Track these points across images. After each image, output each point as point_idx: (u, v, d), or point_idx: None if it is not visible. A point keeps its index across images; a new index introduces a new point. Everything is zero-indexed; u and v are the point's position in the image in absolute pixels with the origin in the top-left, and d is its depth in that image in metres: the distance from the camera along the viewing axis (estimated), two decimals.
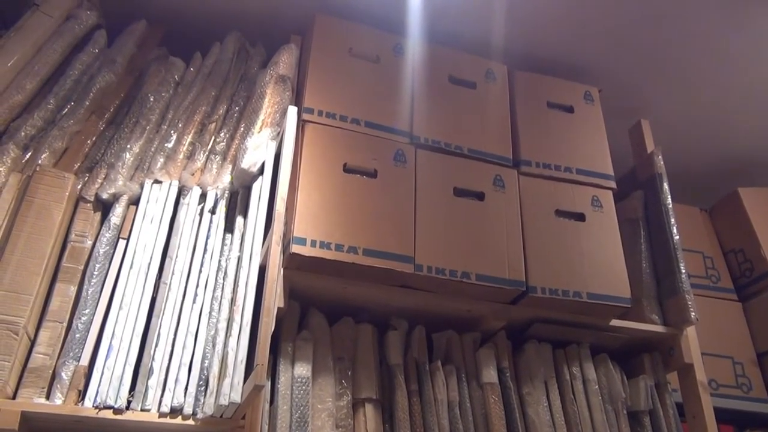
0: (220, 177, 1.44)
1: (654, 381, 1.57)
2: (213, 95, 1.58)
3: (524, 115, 1.72)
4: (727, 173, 2.43)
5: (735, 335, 1.97)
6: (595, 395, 1.49)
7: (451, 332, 1.50)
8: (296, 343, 1.33)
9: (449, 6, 1.74)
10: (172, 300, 1.25)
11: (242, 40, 1.73)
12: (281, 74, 1.53)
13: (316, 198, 1.39)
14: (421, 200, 1.48)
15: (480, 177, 1.57)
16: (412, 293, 1.44)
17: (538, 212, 1.59)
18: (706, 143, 2.33)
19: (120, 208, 1.35)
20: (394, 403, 1.34)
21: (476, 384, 1.44)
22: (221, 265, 1.33)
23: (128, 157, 1.40)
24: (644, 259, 1.71)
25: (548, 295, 1.48)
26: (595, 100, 1.83)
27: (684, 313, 1.59)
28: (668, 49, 1.92)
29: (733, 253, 2.14)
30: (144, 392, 1.15)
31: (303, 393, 1.27)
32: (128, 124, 1.47)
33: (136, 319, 1.22)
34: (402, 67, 1.65)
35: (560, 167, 1.67)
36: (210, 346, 1.22)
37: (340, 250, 1.34)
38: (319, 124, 1.48)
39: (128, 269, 1.27)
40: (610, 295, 1.53)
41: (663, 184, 1.76)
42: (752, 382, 1.90)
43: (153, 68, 1.59)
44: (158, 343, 1.20)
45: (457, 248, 1.45)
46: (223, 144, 1.50)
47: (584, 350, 1.55)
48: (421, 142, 1.56)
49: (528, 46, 1.89)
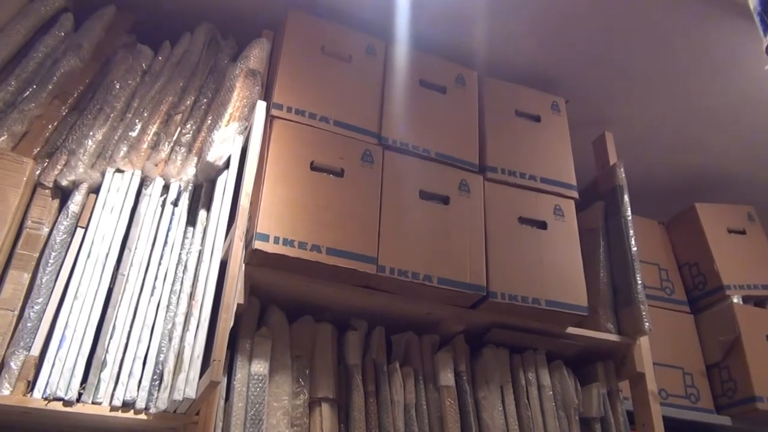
0: (185, 169, 1.42)
1: (606, 389, 1.60)
2: (181, 86, 1.56)
3: (492, 121, 1.74)
4: (685, 188, 2.49)
5: (686, 346, 2.03)
6: (548, 401, 1.51)
7: (411, 334, 1.51)
8: (255, 340, 1.32)
9: (423, 10, 1.75)
10: (130, 292, 1.23)
11: (213, 31, 1.71)
12: (251, 68, 1.52)
13: (281, 195, 1.38)
14: (387, 202, 1.48)
15: (446, 181, 1.58)
16: (373, 294, 1.44)
17: (502, 218, 1.61)
18: (666, 158, 2.39)
19: (79, 196, 1.32)
20: (350, 403, 1.35)
21: (433, 386, 1.45)
22: (181, 258, 1.31)
23: (90, 145, 1.37)
24: (602, 268, 1.74)
25: (507, 300, 1.50)
26: (561, 110, 1.86)
27: (638, 323, 1.62)
28: (635, 65, 1.96)
29: (687, 267, 2.20)
30: (96, 385, 1.13)
31: (259, 390, 1.26)
32: (92, 111, 1.44)
33: (91, 310, 1.20)
34: (373, 68, 1.65)
35: (525, 175, 1.69)
36: (166, 340, 1.20)
37: (304, 248, 1.33)
38: (288, 121, 1.48)
39: (85, 259, 1.25)
40: (568, 303, 1.55)
41: (624, 196, 1.80)
42: (700, 392, 1.95)
43: (120, 55, 1.56)
44: (113, 336, 1.18)
45: (420, 251, 1.46)
46: (189, 136, 1.48)
47: (540, 356, 1.58)
48: (389, 144, 1.56)
49: (499, 53, 1.91)
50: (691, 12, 1.77)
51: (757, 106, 2.07)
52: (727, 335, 1.97)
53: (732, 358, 1.96)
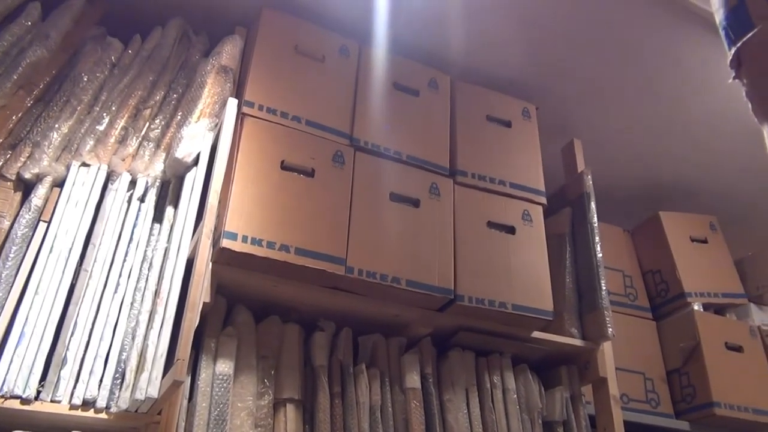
0: (153, 165, 1.40)
1: (570, 393, 1.62)
2: (151, 80, 1.53)
3: (463, 126, 1.75)
4: (650, 197, 2.54)
5: (648, 352, 2.06)
6: (513, 404, 1.53)
7: (378, 336, 1.51)
8: (220, 339, 1.31)
9: (397, 13, 1.75)
10: (93, 288, 1.21)
11: (185, 27, 1.68)
12: (223, 65, 1.50)
13: (250, 193, 1.37)
14: (357, 203, 1.48)
15: (416, 184, 1.59)
16: (341, 295, 1.44)
17: (471, 222, 1.62)
18: (633, 167, 2.43)
19: (43, 190, 1.29)
20: (315, 405, 1.34)
21: (399, 389, 1.45)
22: (147, 255, 1.29)
23: (56, 137, 1.35)
24: (568, 274, 1.76)
25: (475, 304, 1.50)
26: (532, 116, 1.88)
27: (602, 329, 1.65)
28: (604, 75, 2.00)
29: (651, 274, 2.24)
30: (56, 383, 1.11)
31: (223, 390, 1.25)
32: (58, 103, 1.41)
33: (52, 306, 1.17)
34: (347, 69, 1.65)
35: (495, 180, 1.71)
36: (129, 338, 1.18)
37: (272, 247, 1.33)
38: (259, 119, 1.47)
39: (47, 254, 1.22)
40: (534, 308, 1.57)
41: (590, 203, 1.83)
42: (660, 397, 1.99)
43: (89, 47, 1.53)
44: (74, 333, 1.15)
45: (389, 253, 1.46)
46: (158, 131, 1.46)
47: (506, 360, 1.59)
48: (360, 145, 1.56)
49: (472, 59, 1.93)
50: (660, 25, 1.81)
51: (722, 118, 2.12)
52: (688, 342, 2.01)
53: (692, 365, 2.00)
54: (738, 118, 2.08)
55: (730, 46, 0.65)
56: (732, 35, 0.64)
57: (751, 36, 0.62)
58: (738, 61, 0.64)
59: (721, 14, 0.66)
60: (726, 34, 0.65)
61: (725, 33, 0.65)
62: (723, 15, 0.66)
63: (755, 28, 0.62)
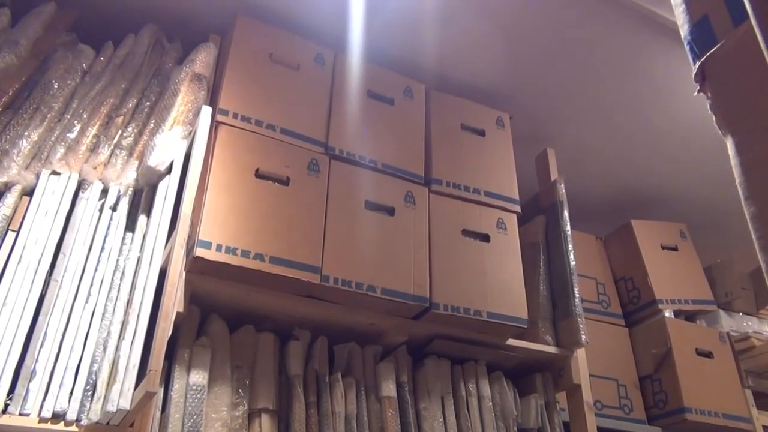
0: (125, 173, 1.39)
1: (544, 400, 1.63)
2: (123, 87, 1.52)
3: (438, 134, 1.76)
4: (622, 205, 2.58)
5: (620, 359, 2.09)
6: (488, 412, 1.53)
7: (353, 345, 1.50)
8: (193, 349, 1.29)
9: (373, 21, 1.76)
10: (63, 299, 1.19)
11: (159, 34, 1.67)
12: (197, 72, 1.49)
13: (224, 202, 1.36)
14: (332, 211, 1.48)
15: (391, 192, 1.59)
16: (316, 304, 1.43)
17: (446, 230, 1.62)
18: (605, 175, 2.47)
19: (11, 198, 1.27)
20: (291, 415, 1.33)
21: (374, 397, 1.45)
22: (119, 264, 1.27)
23: (25, 145, 1.32)
24: (542, 281, 1.78)
25: (450, 312, 1.51)
26: (505, 125, 1.90)
27: (575, 336, 1.66)
28: (577, 84, 2.03)
29: (623, 281, 2.27)
30: (24, 395, 1.08)
31: (197, 401, 1.23)
32: (28, 110, 1.39)
33: (21, 316, 1.14)
34: (322, 78, 1.65)
35: (469, 188, 1.72)
36: (101, 349, 1.16)
37: (246, 256, 1.32)
38: (234, 127, 1.46)
39: (16, 263, 1.19)
40: (509, 315, 1.58)
41: (564, 211, 1.85)
42: (633, 403, 2.01)
43: (59, 54, 1.51)
44: (44, 344, 1.13)
45: (364, 261, 1.46)
46: (131, 139, 1.44)
47: (481, 367, 1.60)
48: (335, 153, 1.56)
49: (447, 68, 1.94)
50: (632, 37, 1.84)
51: (691, 128, 2.16)
52: (659, 348, 2.04)
53: (663, 371, 2.03)
54: (707, 128, 2.11)
55: (694, 61, 0.66)
56: (696, 50, 0.65)
57: (715, 50, 0.64)
58: (702, 75, 0.65)
59: (685, 29, 0.68)
60: (690, 48, 0.66)
61: (690, 47, 0.67)
62: (687, 30, 0.67)
63: (719, 43, 0.64)
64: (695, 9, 0.68)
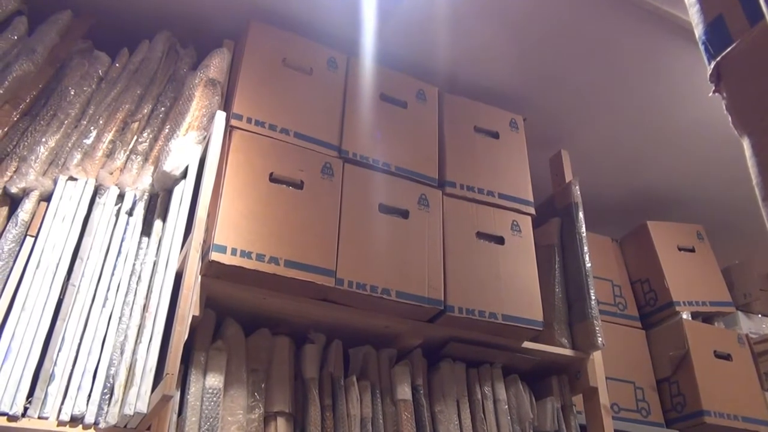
0: (141, 178, 1.40)
1: (561, 403, 1.62)
2: (138, 93, 1.53)
3: (452, 137, 1.76)
4: (638, 206, 2.56)
5: (637, 361, 2.07)
6: (504, 415, 1.52)
7: (368, 348, 1.50)
8: (209, 353, 1.30)
9: (385, 25, 1.76)
10: (80, 303, 1.20)
11: (173, 40, 1.69)
12: (211, 78, 1.50)
13: (239, 206, 1.36)
14: (346, 214, 1.48)
15: (405, 195, 1.59)
16: (331, 307, 1.43)
17: (460, 233, 1.62)
18: (620, 177, 2.45)
19: (29, 204, 1.28)
20: (306, 418, 1.33)
21: (390, 400, 1.44)
22: (135, 269, 1.28)
23: (42, 151, 1.34)
24: (557, 284, 1.77)
25: (465, 315, 1.51)
26: (519, 127, 1.90)
27: (591, 338, 1.65)
28: (592, 86, 2.01)
29: (639, 283, 2.25)
30: (43, 399, 1.10)
31: (213, 405, 1.24)
32: (45, 117, 1.41)
33: (40, 321, 1.16)
34: (335, 81, 1.65)
35: (483, 191, 1.71)
36: (118, 352, 1.17)
37: (261, 260, 1.32)
38: (248, 132, 1.47)
39: (34, 269, 1.21)
40: (524, 318, 1.57)
41: (579, 213, 1.84)
42: (651, 406, 1.99)
43: (76, 61, 1.53)
44: (62, 348, 1.14)
45: (379, 264, 1.46)
46: (146, 144, 1.45)
47: (496, 370, 1.59)
48: (349, 157, 1.56)
49: (459, 70, 1.94)
50: (646, 37, 1.83)
51: (707, 127, 2.14)
52: (677, 350, 2.02)
53: (681, 373, 2.01)
54: (723, 127, 2.09)
55: (709, 61, 0.66)
56: (711, 50, 0.65)
57: (730, 50, 0.63)
58: (718, 75, 0.65)
59: (700, 29, 0.67)
60: (705, 48, 0.66)
61: (705, 47, 0.66)
62: (702, 30, 0.67)
63: (734, 43, 0.63)
64: (709, 9, 0.68)
